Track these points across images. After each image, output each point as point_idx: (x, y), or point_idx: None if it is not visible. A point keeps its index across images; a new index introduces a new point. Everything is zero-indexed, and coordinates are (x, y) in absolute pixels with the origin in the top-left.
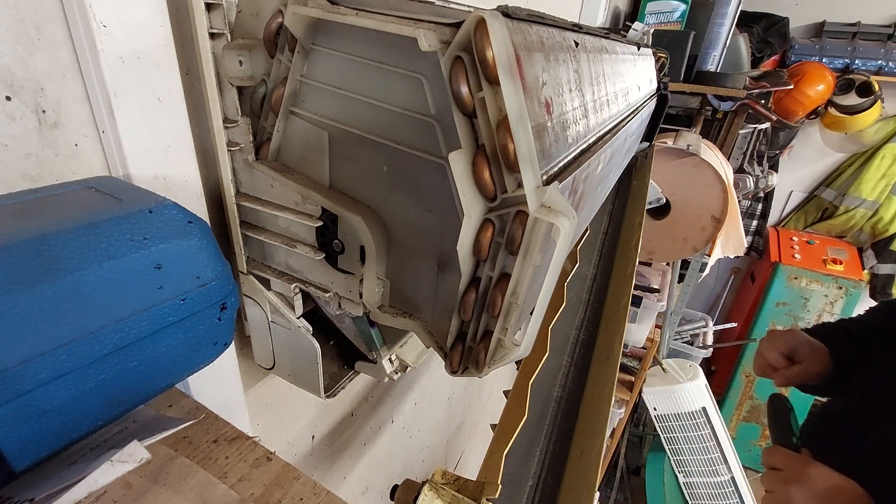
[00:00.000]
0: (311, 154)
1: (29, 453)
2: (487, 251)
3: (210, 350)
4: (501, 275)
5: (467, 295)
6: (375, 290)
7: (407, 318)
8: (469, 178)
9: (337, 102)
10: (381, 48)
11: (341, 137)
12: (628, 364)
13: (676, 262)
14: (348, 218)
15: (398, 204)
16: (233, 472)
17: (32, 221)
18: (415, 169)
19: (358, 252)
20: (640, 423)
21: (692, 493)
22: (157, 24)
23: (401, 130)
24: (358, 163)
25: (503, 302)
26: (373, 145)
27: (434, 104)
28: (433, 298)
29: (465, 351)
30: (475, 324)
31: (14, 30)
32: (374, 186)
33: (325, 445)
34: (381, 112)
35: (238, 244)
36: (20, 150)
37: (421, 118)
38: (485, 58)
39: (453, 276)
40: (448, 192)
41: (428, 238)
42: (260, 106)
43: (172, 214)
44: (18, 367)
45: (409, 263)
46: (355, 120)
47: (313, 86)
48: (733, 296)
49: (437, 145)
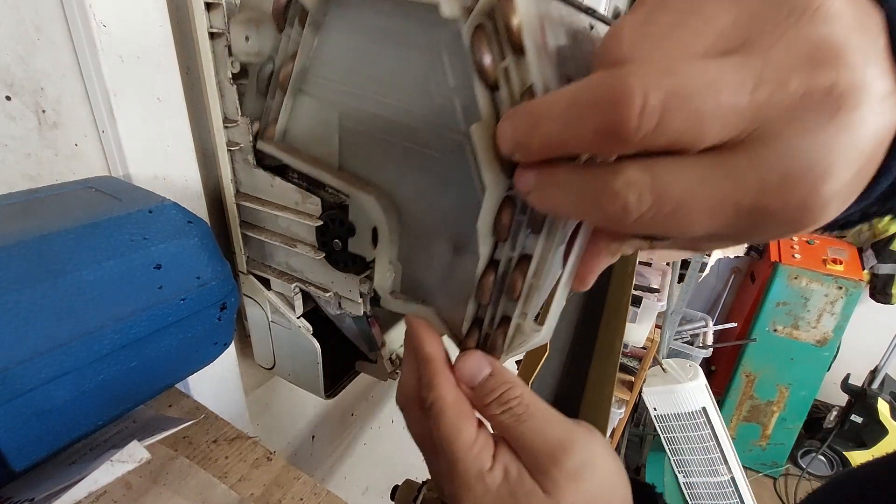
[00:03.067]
0: (320, 134)
1: (29, 453)
2: (508, 230)
3: (210, 350)
4: (521, 256)
5: (485, 277)
6: (387, 274)
7: (419, 304)
8: (491, 152)
9: (349, 79)
10: (397, 19)
11: (353, 115)
12: (628, 364)
13: (676, 262)
14: (360, 197)
15: (412, 184)
16: (233, 472)
17: (32, 221)
18: (431, 146)
19: (370, 234)
20: (640, 423)
21: (692, 493)
22: (157, 23)
23: (417, 107)
24: (369, 142)
25: (524, 284)
26: (386, 123)
27: (453, 77)
28: (448, 284)
29: (481, 338)
30: (493, 308)
31: (14, 30)
32: (386, 167)
33: (325, 445)
34: (396, 88)
35: (238, 244)
36: (20, 150)
37: (439, 93)
38: (510, 24)
39: (470, 258)
40: (466, 171)
41: (443, 219)
42: (266, 84)
43: (172, 214)
44: (18, 367)
45: (423, 247)
46: (368, 97)
47: (324, 62)
48: (733, 296)
49: (455, 121)
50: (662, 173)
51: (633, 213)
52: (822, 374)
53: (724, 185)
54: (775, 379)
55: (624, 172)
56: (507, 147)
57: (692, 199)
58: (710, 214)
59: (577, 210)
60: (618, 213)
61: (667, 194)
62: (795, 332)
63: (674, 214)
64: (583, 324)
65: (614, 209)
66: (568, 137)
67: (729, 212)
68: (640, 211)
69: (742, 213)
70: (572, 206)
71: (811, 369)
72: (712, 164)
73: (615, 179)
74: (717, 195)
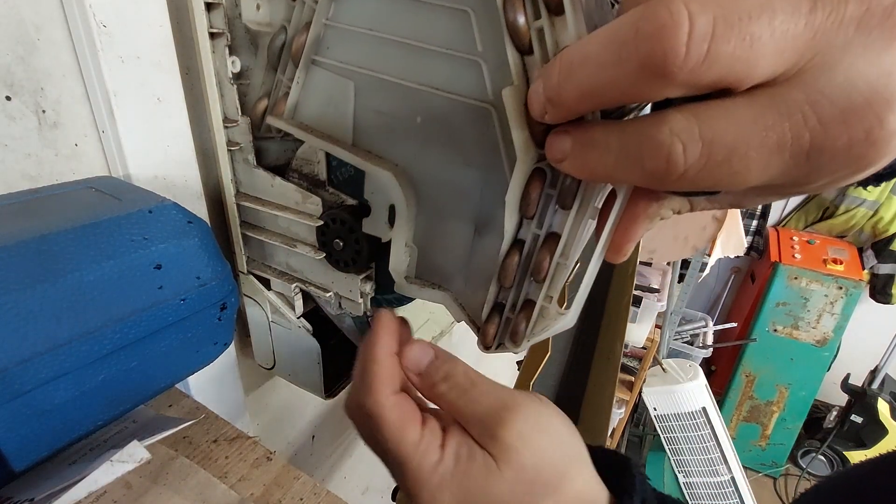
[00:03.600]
0: (334, 109)
1: (29, 453)
2: (536, 205)
3: (210, 350)
4: (549, 234)
5: (509, 258)
6: (404, 256)
7: (435, 289)
8: (522, 118)
9: (367, 47)
10: None
11: (370, 87)
12: (628, 364)
13: (676, 261)
14: (378, 173)
15: (431, 160)
16: (233, 472)
17: (32, 221)
18: (454, 117)
19: (386, 213)
20: (640, 423)
21: (692, 493)
22: (157, 23)
23: (440, 74)
24: (387, 115)
25: (551, 263)
26: (406, 93)
27: (481, 40)
28: (467, 266)
29: (501, 323)
30: (515, 291)
31: (14, 30)
32: (404, 142)
33: (325, 445)
34: (418, 54)
35: (238, 244)
36: (20, 150)
37: (465, 57)
38: None
39: (492, 238)
40: (492, 143)
41: (464, 197)
42: (277, 57)
43: (172, 214)
44: (18, 367)
45: (441, 227)
46: (387, 65)
47: (340, 29)
48: (733, 296)
49: (482, 88)
50: (710, 118)
51: (679, 165)
52: (822, 375)
53: (780, 124)
54: (775, 379)
55: (668, 121)
56: (538, 107)
57: (746, 144)
58: (767, 160)
59: (617, 170)
60: (663, 167)
61: (717, 140)
62: (795, 332)
63: (726, 163)
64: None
65: (659, 163)
66: (606, 82)
67: (787, 154)
68: (688, 162)
69: (801, 154)
70: (612, 166)
71: (811, 369)
72: (766, 101)
73: (659, 130)
74: (774, 136)
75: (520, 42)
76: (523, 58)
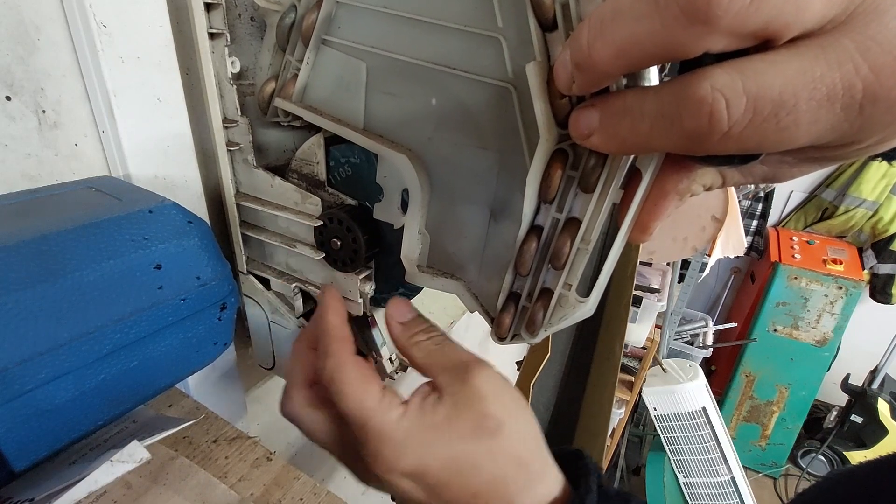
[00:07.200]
0: (345, 91)
1: (29, 453)
2: (557, 188)
3: (210, 350)
4: (569, 219)
5: (527, 244)
6: (416, 244)
7: (448, 278)
8: (545, 95)
9: (380, 25)
10: None
11: (382, 68)
12: (628, 364)
13: (676, 262)
14: (392, 156)
15: (446, 144)
16: (233, 472)
17: (32, 221)
18: (471, 98)
19: (399, 198)
20: (640, 423)
21: (692, 493)
22: (157, 24)
23: (457, 52)
24: (400, 97)
25: (571, 249)
26: (420, 74)
27: (502, 16)
28: (481, 254)
29: (517, 313)
30: (532, 279)
31: (14, 30)
32: (418, 125)
33: None
34: (434, 32)
35: (238, 244)
36: (20, 150)
37: (484, 34)
38: None
39: (508, 224)
40: (510, 124)
41: (480, 181)
42: (286, 36)
43: (172, 214)
44: (18, 367)
45: (455, 213)
46: (401, 45)
47: (352, 7)
48: (733, 296)
49: (501, 67)
50: (754, 71)
51: (723, 122)
52: (822, 375)
53: (830, 74)
54: (775, 379)
55: (709, 76)
56: (565, 77)
57: (794, 97)
58: (816, 114)
59: (653, 136)
60: (705, 125)
61: (763, 94)
62: (795, 332)
63: (773, 118)
64: (583, 325)
65: (701, 122)
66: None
67: (837, 107)
68: (732, 119)
69: (853, 106)
70: (647, 133)
71: (811, 369)
72: (813, 51)
73: (700, 86)
74: (823, 88)
75: (543, 16)
76: (545, 34)
